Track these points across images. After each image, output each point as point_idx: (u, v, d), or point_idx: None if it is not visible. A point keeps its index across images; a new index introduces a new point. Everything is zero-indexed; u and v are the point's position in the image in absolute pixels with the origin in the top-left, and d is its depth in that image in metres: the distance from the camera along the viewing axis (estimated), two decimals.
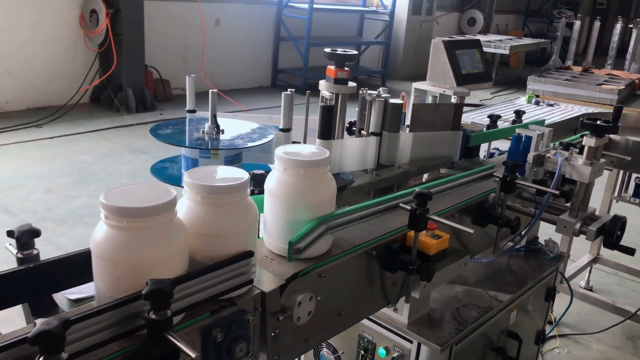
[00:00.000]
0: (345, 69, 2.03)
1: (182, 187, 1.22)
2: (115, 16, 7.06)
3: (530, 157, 1.98)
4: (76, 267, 1.19)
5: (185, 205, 1.19)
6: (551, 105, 10.09)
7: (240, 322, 1.21)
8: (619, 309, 3.22)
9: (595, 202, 3.58)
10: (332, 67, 2.02)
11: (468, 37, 2.48)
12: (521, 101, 10.65)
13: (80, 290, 1.27)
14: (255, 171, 1.60)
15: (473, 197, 1.96)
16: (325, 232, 1.40)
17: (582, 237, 1.93)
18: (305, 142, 2.12)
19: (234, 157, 1.88)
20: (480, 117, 6.23)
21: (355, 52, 2.03)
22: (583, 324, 3.43)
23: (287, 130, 2.04)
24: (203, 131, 1.91)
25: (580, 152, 1.94)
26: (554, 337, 3.24)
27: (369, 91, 2.09)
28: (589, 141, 1.84)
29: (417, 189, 1.55)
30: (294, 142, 2.13)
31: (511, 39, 12.98)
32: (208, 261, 1.18)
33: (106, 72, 7.29)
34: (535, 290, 2.33)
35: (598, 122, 1.86)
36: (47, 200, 4.58)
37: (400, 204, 1.59)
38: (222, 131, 1.94)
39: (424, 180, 2.26)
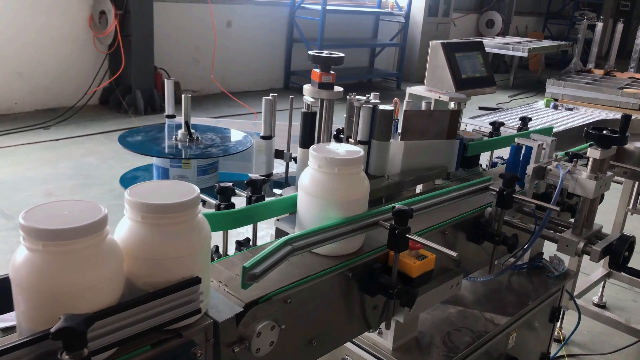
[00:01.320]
0: (331, 72, 1.89)
1: None
2: (124, 17, 7.01)
3: (529, 169, 1.82)
4: (3, 293, 1.07)
5: (127, 226, 1.07)
6: (570, 109, 9.81)
7: (187, 355, 1.09)
8: (633, 329, 3.02)
9: (610, 214, 3.40)
10: (317, 71, 1.89)
11: (470, 39, 2.34)
12: (539, 105, 10.35)
13: (13, 317, 1.16)
14: (223, 184, 1.47)
15: (467, 212, 1.81)
16: (290, 255, 1.26)
17: None
18: (288, 150, 1.99)
19: (208, 167, 1.76)
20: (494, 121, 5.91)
21: (342, 54, 1.90)
22: (595, 343, 3.24)
23: (268, 137, 1.92)
24: (176, 138, 1.79)
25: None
26: (562, 357, 3.06)
27: (357, 96, 1.95)
28: (593, 153, 1.68)
29: (397, 205, 1.41)
30: (277, 150, 2.00)
31: (530, 42, 12.70)
32: (150, 288, 1.05)
33: (115, 74, 7.25)
34: (538, 310, 2.17)
35: (604, 131, 1.70)
36: None
37: (380, 221, 1.46)
38: (197, 138, 1.82)
39: (416, 192, 2.12)
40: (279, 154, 1.99)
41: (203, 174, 1.73)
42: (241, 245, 1.63)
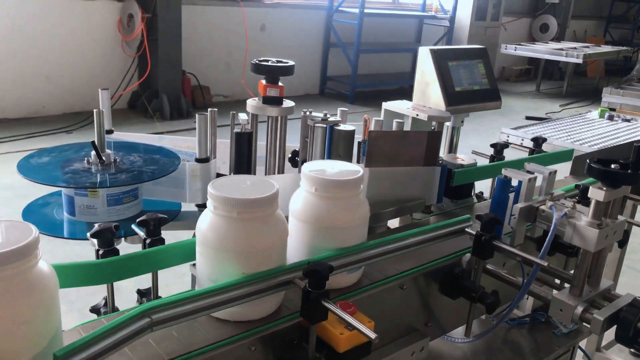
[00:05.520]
0: (279, 84, 1.59)
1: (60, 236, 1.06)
2: (151, 20, 6.91)
3: (516, 209, 1.44)
4: None
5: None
6: (628, 120, 8.97)
7: None
8: None
9: None
10: (263, 82, 1.58)
11: (471, 46, 1.99)
12: (593, 115, 9.53)
13: None
14: (103, 224, 1.17)
15: (438, 259, 1.46)
16: (149, 330, 0.96)
17: (636, 279, 1.39)
18: (230, 173, 1.69)
19: (122, 195, 1.48)
20: (542, 134, 5.41)
21: (292, 63, 1.58)
22: None
23: (204, 160, 1.62)
24: (89, 161, 1.52)
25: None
26: None
27: (314, 114, 1.63)
28: (596, 194, 1.30)
29: (312, 261, 1.09)
30: (218, 175, 1.71)
31: (587, 47, 11.92)
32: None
33: (141, 78, 7.17)
34: None
35: (613, 165, 1.31)
36: None
37: (296, 280, 1.13)
38: (115, 160, 1.54)
39: (388, 227, 1.77)
40: None
41: (115, 204, 1.45)
42: (143, 295, 1.34)
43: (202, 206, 1.64)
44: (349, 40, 9.28)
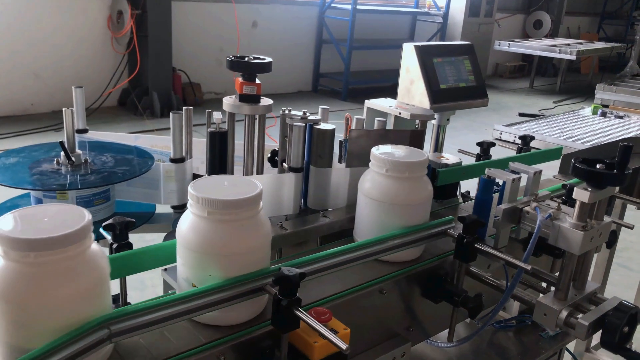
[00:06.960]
0: (257, 82, 1.54)
1: None
2: (141, 17, 6.84)
3: (499, 210, 1.40)
4: None
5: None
6: (620, 117, 8.94)
7: None
8: None
9: None
10: (240, 79, 1.53)
11: (457, 42, 1.94)
12: (586, 112, 9.47)
13: None
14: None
15: (417, 263, 1.42)
16: (107, 342, 0.91)
17: (627, 277, 1.35)
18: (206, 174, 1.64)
19: (93, 197, 1.42)
20: (535, 130, 5.36)
21: (269, 60, 1.53)
22: None
23: (179, 160, 1.57)
24: (59, 162, 1.47)
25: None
26: None
27: (293, 112, 1.58)
28: (581, 195, 1.25)
29: (282, 266, 1.04)
30: (195, 175, 1.66)
31: (580, 43, 11.90)
32: None
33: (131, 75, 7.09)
34: None
35: (598, 165, 1.26)
36: None
37: (267, 287, 1.09)
38: (86, 161, 1.49)
39: None
40: None
41: (85, 206, 1.39)
42: (112, 302, 1.29)
43: (177, 208, 1.59)
44: (342, 37, 9.22)
